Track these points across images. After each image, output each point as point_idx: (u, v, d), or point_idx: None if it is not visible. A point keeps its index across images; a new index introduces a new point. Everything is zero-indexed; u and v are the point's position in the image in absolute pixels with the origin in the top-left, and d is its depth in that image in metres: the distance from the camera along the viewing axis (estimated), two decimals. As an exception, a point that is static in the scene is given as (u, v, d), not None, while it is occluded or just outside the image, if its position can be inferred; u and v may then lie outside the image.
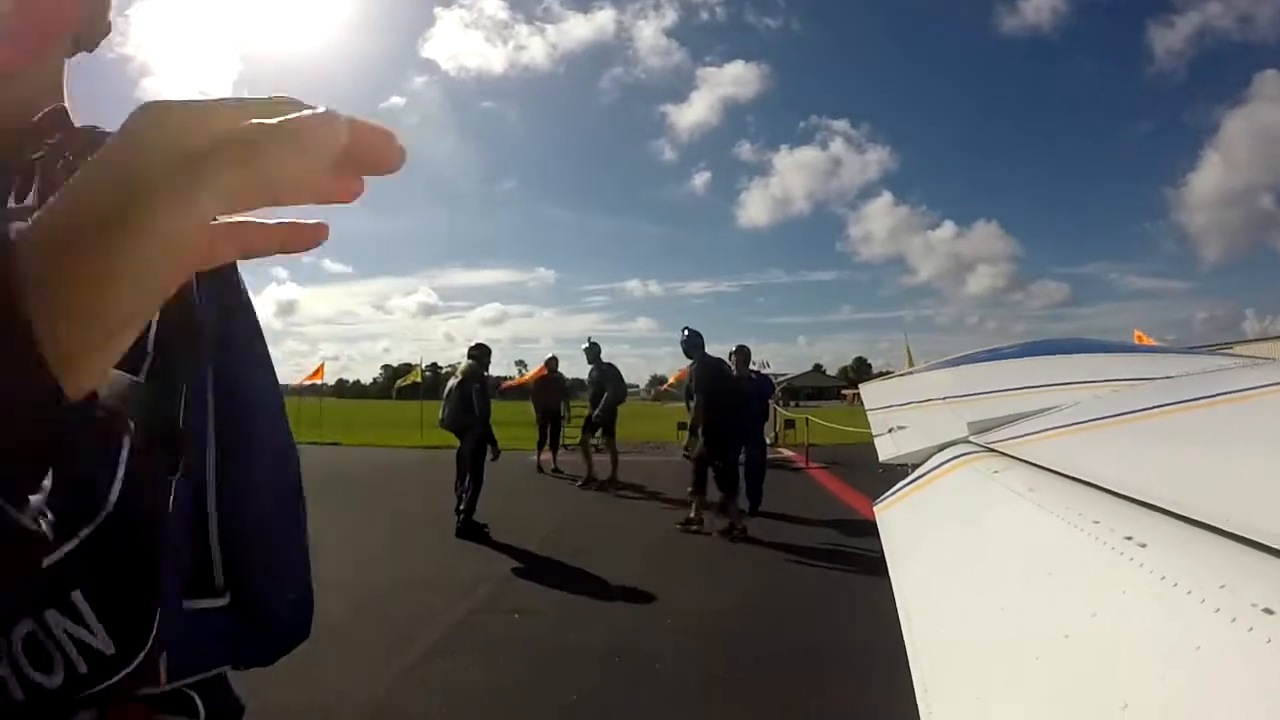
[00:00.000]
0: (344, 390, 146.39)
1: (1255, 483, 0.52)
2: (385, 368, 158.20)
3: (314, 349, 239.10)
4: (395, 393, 27.17)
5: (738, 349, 7.65)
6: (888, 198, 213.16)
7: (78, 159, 0.54)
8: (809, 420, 13.68)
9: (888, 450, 1.47)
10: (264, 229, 0.31)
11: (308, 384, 21.26)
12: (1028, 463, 0.83)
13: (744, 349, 7.73)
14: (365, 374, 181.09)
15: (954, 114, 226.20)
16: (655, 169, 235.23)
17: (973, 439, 1.10)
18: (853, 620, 3.99)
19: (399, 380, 24.41)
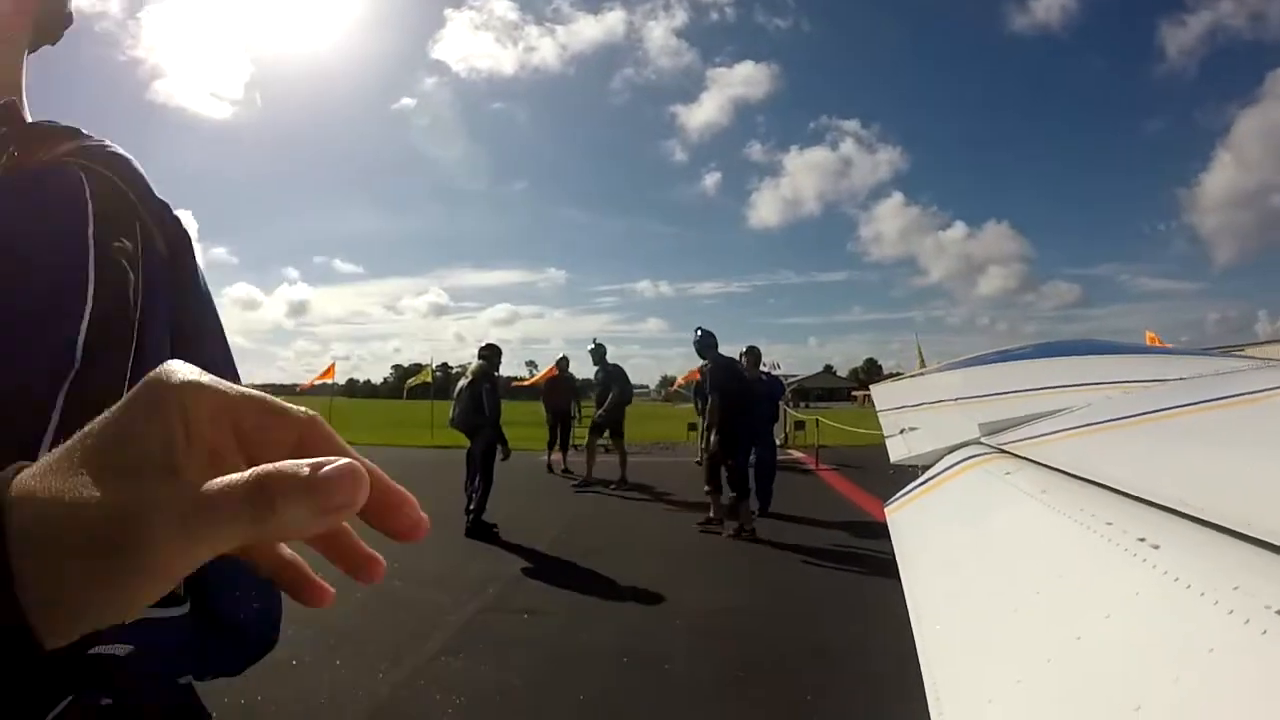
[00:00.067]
0: (355, 390, 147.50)
1: (1269, 485, 0.52)
2: (396, 368, 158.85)
3: (325, 349, 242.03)
4: (406, 393, 27.22)
5: (748, 350, 7.63)
6: (898, 198, 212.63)
7: (24, 155, 0.53)
8: (819, 421, 13.63)
9: (899, 451, 1.46)
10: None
11: (319, 383, 21.37)
12: (1040, 464, 0.83)
13: (754, 350, 7.71)
14: (376, 374, 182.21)
15: (965, 114, 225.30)
16: (666, 169, 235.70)
17: (984, 440, 1.09)
18: (863, 621, 3.98)
19: (409, 380, 24.49)
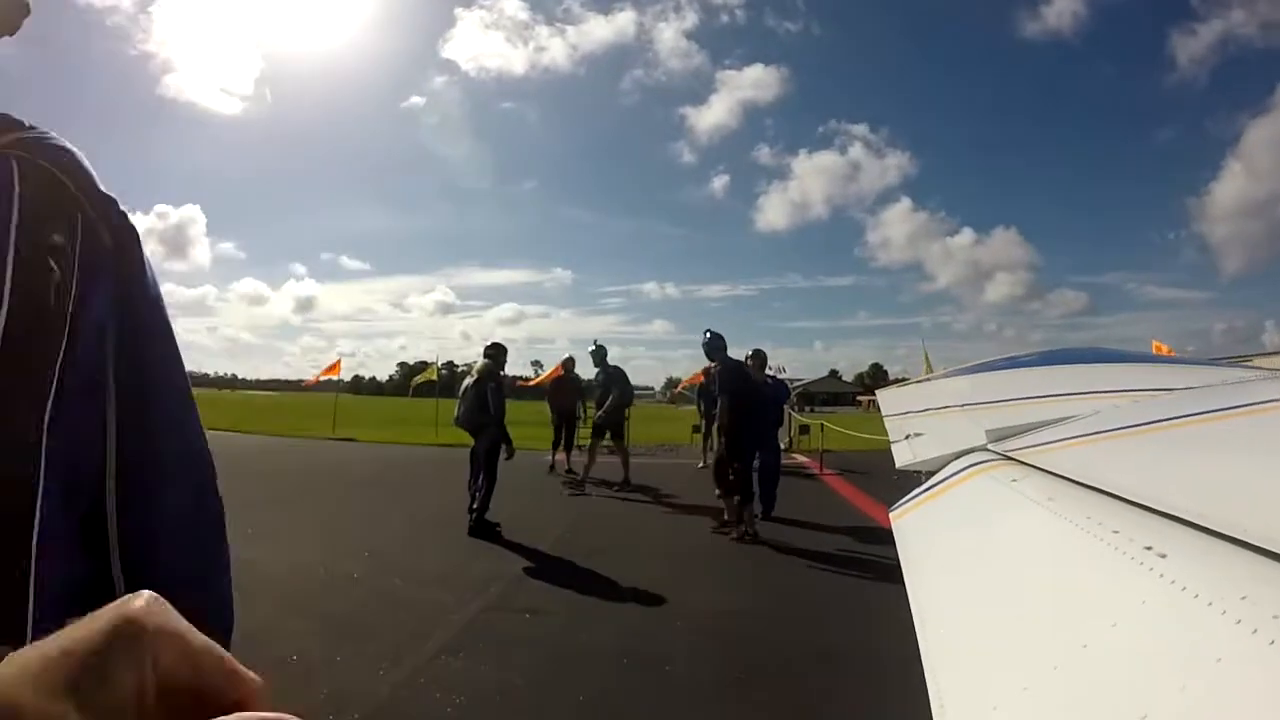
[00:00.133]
0: (360, 387, 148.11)
1: (1276, 494, 0.52)
2: (401, 365, 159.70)
3: (331, 345, 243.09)
4: (411, 390, 27.32)
5: (754, 353, 7.62)
6: (906, 203, 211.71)
7: None
8: (824, 426, 13.60)
9: (904, 457, 1.46)
10: None
11: (324, 379, 21.42)
12: (1046, 471, 0.83)
13: (760, 353, 7.70)
14: (381, 371, 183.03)
15: (973, 120, 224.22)
16: (674, 171, 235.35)
17: (991, 447, 1.09)
18: (866, 626, 3.97)
19: (416, 378, 24.57)
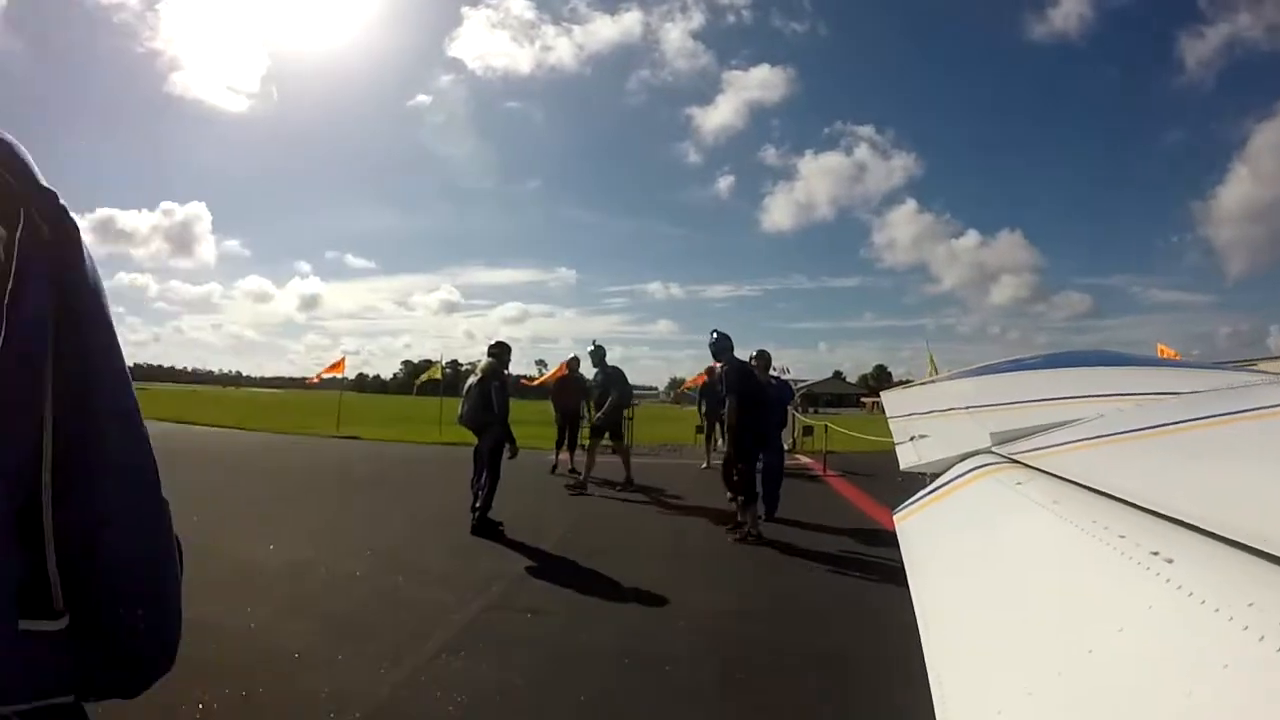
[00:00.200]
0: (364, 385, 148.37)
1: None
2: (406, 363, 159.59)
3: (336, 343, 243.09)
4: (416, 389, 27.38)
5: (758, 354, 7.61)
6: (912, 205, 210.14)
7: None
8: (828, 427, 13.58)
9: (909, 458, 1.46)
10: None
11: (327, 376, 21.45)
12: (1051, 474, 0.82)
13: (764, 354, 7.69)
14: (386, 369, 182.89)
15: (979, 122, 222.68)
16: (679, 171, 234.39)
17: (995, 449, 1.09)
18: (869, 628, 3.96)
19: (420, 376, 24.64)
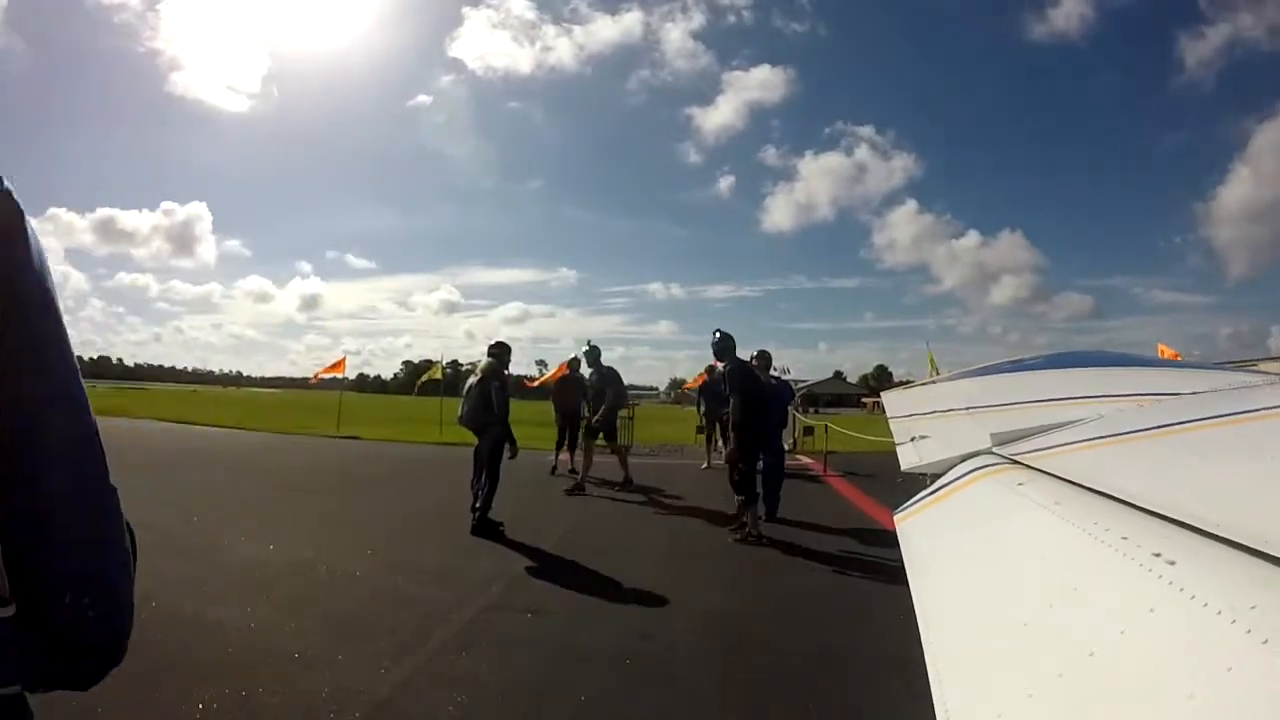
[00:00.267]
0: (365, 385, 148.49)
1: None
2: (406, 363, 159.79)
3: (336, 343, 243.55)
4: (416, 389, 27.40)
5: (759, 354, 7.61)
6: (912, 205, 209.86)
7: None
8: (828, 427, 13.58)
9: (909, 459, 1.46)
10: None
11: (328, 376, 21.44)
12: (1052, 475, 0.82)
13: (765, 354, 7.69)
14: (386, 369, 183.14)
15: (979, 122, 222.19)
16: (680, 172, 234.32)
17: (996, 450, 1.08)
18: (869, 629, 3.96)
19: (420, 377, 24.65)
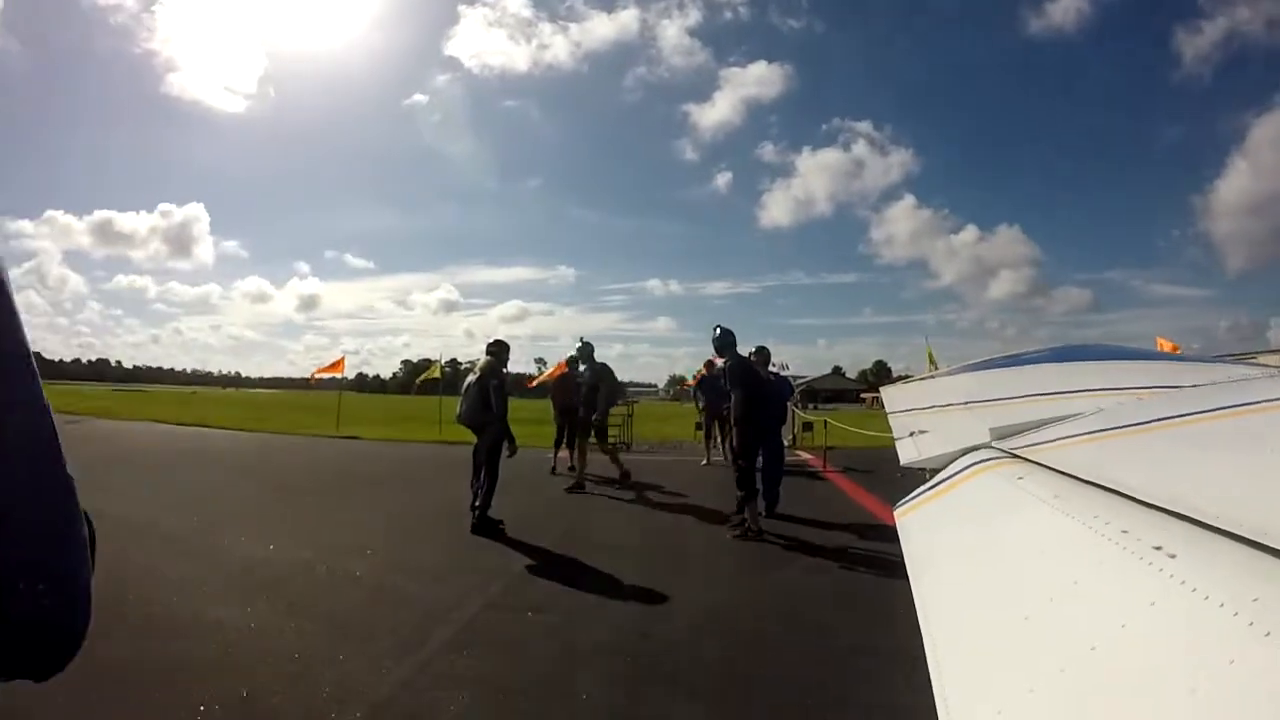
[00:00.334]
0: (364, 384, 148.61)
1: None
2: (405, 363, 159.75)
3: (335, 343, 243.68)
4: (415, 388, 27.42)
5: (757, 350, 7.62)
6: (910, 200, 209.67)
7: None
8: (827, 423, 13.58)
9: (909, 454, 1.45)
10: None
11: (327, 376, 21.42)
12: (1052, 469, 0.82)
13: (764, 350, 7.70)
14: (385, 369, 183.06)
15: (977, 117, 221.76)
16: (677, 169, 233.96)
17: (996, 444, 1.08)
18: (869, 624, 3.97)
19: (419, 376, 24.65)
